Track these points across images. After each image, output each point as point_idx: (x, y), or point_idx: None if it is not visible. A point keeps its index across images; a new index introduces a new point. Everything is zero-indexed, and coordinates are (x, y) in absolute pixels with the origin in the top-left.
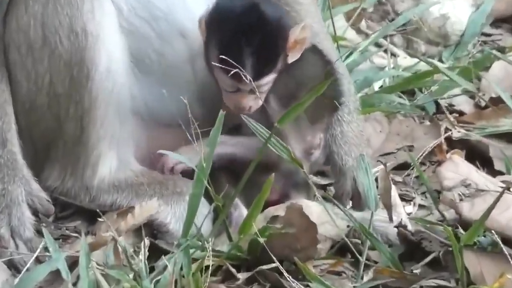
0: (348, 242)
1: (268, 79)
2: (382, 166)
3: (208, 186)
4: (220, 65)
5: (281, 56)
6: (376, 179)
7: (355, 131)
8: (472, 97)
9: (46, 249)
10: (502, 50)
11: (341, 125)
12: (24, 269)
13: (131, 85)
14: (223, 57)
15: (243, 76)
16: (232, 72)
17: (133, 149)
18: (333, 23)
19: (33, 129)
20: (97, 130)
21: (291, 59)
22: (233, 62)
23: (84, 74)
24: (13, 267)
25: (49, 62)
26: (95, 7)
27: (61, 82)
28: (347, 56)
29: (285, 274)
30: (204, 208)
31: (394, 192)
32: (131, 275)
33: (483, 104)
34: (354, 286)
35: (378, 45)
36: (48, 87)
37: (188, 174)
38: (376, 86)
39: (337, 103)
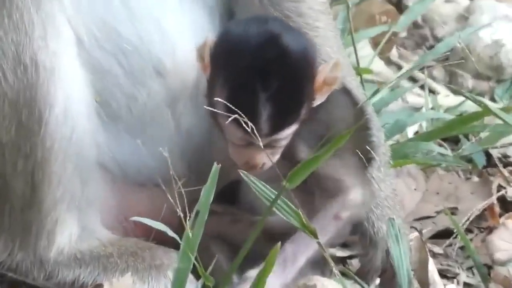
0: None
1: (289, 132)
2: (416, 234)
3: (196, 263)
4: (227, 114)
5: (306, 103)
6: (410, 250)
7: (387, 190)
8: None
9: None
10: None
11: (370, 184)
12: None
13: (96, 132)
14: (230, 104)
15: (255, 132)
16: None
17: (99, 213)
18: (355, 51)
19: None
20: (52, 189)
21: (317, 102)
22: (244, 110)
23: (35, 118)
24: None
25: None
26: (49, 33)
27: (5, 128)
28: (374, 94)
29: None
30: (191, 286)
31: (432, 267)
32: None
33: None
34: None
35: (413, 79)
36: None
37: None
38: (411, 131)
39: (367, 159)
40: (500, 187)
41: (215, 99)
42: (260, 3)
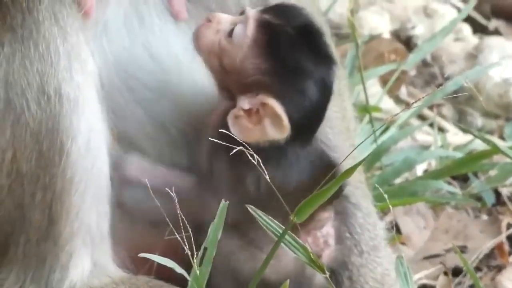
0: None
1: None
2: (426, 272)
3: None
4: None
5: None
6: None
7: (372, 274)
8: None
9: None
10: None
11: (348, 270)
12: None
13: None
14: None
15: None
16: None
17: (111, 249)
18: (365, 89)
19: None
20: (70, 222)
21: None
22: None
23: (56, 148)
24: None
25: (12, 132)
26: (74, 65)
27: (26, 158)
28: (383, 132)
29: None
30: None
31: None
32: None
33: None
34: None
35: (422, 117)
36: (9, 165)
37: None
38: (420, 169)
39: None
40: (509, 226)
41: None
42: None
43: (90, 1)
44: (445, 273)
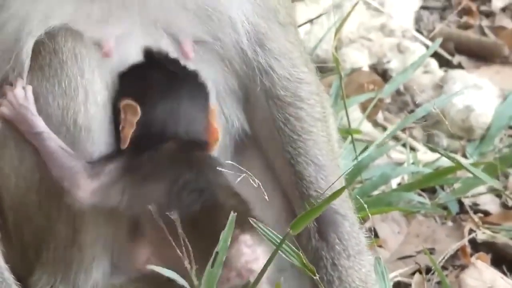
0: None
1: None
2: (401, 270)
3: None
4: None
5: None
6: (394, 285)
7: (358, 274)
8: (498, 195)
9: None
10: None
11: (338, 271)
12: None
13: None
14: None
15: None
16: None
17: (129, 252)
18: (347, 114)
19: (23, 227)
20: (91, 231)
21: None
22: None
23: None
24: None
25: (38, 157)
26: (90, 98)
27: (52, 179)
28: (363, 151)
29: None
30: None
31: None
32: None
33: (510, 203)
34: None
35: (396, 138)
36: (38, 184)
37: None
38: (394, 183)
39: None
40: (471, 231)
41: None
42: (267, 104)
43: (109, 44)
44: (420, 272)
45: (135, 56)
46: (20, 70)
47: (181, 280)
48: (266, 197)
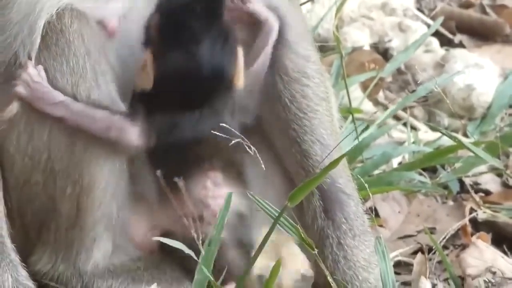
0: None
1: None
2: (401, 250)
3: (211, 277)
4: None
5: None
6: (394, 265)
7: (363, 254)
8: (499, 175)
9: None
10: None
11: (344, 250)
12: None
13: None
14: None
15: None
16: None
17: (130, 233)
18: (348, 94)
19: (25, 207)
20: (94, 211)
21: None
22: None
23: (86, 149)
24: None
25: (49, 136)
26: (99, 75)
27: (59, 158)
28: (363, 130)
29: None
30: None
31: (427, 283)
32: None
33: (511, 183)
34: None
35: (397, 118)
36: (45, 164)
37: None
38: (395, 162)
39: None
40: (472, 210)
41: None
42: (273, 81)
43: (112, 23)
44: (421, 251)
45: (138, 34)
46: (31, 50)
47: (186, 250)
48: (263, 166)
